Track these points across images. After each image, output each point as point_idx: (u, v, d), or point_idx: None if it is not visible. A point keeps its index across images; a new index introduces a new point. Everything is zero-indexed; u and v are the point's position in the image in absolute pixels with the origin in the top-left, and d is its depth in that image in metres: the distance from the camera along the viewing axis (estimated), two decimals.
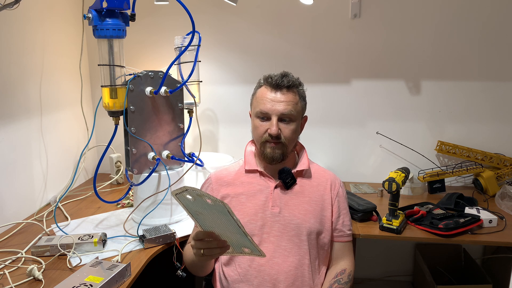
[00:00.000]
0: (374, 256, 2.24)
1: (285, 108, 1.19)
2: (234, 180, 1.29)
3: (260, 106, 1.21)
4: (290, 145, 1.23)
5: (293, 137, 1.23)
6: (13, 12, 1.49)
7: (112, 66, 1.40)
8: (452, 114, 2.04)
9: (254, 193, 1.26)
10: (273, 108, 1.19)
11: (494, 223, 1.57)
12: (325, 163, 2.15)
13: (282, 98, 1.20)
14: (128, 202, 1.80)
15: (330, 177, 1.32)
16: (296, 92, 1.24)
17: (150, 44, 2.12)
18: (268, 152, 1.22)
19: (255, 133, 1.25)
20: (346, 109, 2.09)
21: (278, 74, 1.23)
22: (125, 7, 1.34)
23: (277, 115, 1.19)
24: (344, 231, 1.29)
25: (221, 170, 1.35)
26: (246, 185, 1.27)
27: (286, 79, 1.21)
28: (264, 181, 1.28)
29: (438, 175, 1.94)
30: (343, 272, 1.23)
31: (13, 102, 1.59)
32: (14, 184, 1.59)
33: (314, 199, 1.26)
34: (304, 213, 1.23)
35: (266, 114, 1.21)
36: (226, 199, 1.26)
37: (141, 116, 1.50)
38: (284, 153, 1.22)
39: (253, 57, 2.09)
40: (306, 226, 1.22)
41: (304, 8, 2.00)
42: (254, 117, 1.25)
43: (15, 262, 1.30)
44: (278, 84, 1.20)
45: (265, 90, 1.22)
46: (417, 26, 1.96)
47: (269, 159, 1.23)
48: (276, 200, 1.24)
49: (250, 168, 1.29)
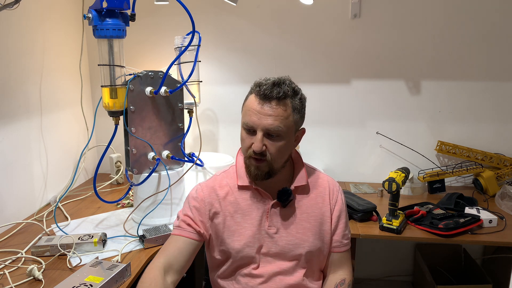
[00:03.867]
0: (374, 256, 2.24)
1: (272, 123, 1.04)
2: (227, 195, 1.16)
3: (246, 118, 1.08)
4: (277, 163, 1.09)
5: (281, 154, 1.09)
6: (13, 12, 1.49)
7: (112, 66, 1.40)
8: (452, 114, 2.04)
9: (249, 211, 1.15)
10: (258, 122, 1.05)
11: (494, 223, 1.57)
12: (325, 163, 2.15)
13: (270, 111, 1.04)
14: (128, 202, 1.80)
15: (328, 184, 1.22)
16: (289, 104, 1.07)
17: (150, 44, 2.12)
18: (252, 170, 1.10)
19: (241, 145, 1.13)
20: (346, 109, 2.09)
21: (270, 83, 1.06)
22: (125, 7, 1.34)
23: (262, 130, 1.05)
24: (342, 242, 1.20)
25: (213, 181, 1.20)
26: (240, 202, 1.15)
27: (276, 90, 1.04)
28: (260, 198, 1.16)
29: (438, 175, 1.94)
30: (342, 282, 1.18)
31: (13, 102, 1.59)
32: (14, 184, 1.59)
33: (313, 215, 1.17)
34: (302, 231, 1.15)
35: (251, 127, 1.07)
36: (219, 215, 1.15)
37: (141, 116, 1.50)
38: (270, 171, 1.09)
39: (253, 57, 2.09)
40: (304, 245, 1.14)
41: (304, 8, 2.00)
42: (241, 127, 1.12)
43: (15, 262, 1.30)
44: (267, 95, 1.04)
45: (253, 100, 1.07)
46: (417, 26, 1.97)
47: (253, 177, 1.11)
48: (273, 219, 1.15)
49: (243, 184, 1.16)
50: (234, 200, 1.16)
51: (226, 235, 1.14)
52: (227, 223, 1.15)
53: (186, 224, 1.14)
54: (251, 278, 1.14)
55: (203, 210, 1.15)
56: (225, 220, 1.15)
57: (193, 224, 1.13)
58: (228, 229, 1.14)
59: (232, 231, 1.14)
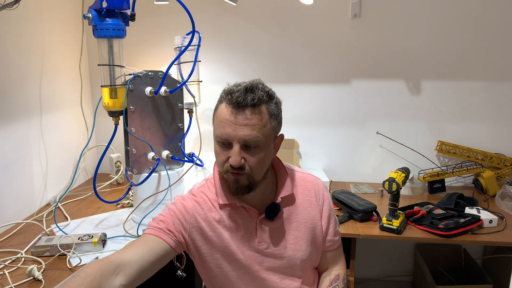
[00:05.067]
0: (374, 256, 2.24)
1: (249, 134, 0.95)
2: (212, 212, 1.07)
3: (219, 130, 0.97)
4: (257, 175, 1.01)
5: (261, 166, 1.00)
6: (13, 12, 1.49)
7: (112, 66, 1.40)
8: (452, 114, 2.04)
9: (236, 228, 1.07)
10: (234, 134, 0.95)
11: (494, 223, 1.57)
12: (325, 163, 2.15)
13: (246, 120, 0.95)
14: (128, 202, 1.80)
15: (313, 186, 1.15)
16: (265, 110, 0.97)
17: (150, 44, 2.12)
18: (231, 184, 1.00)
19: (216, 159, 1.03)
20: (346, 109, 2.09)
21: (242, 89, 0.96)
22: (125, 7, 1.34)
23: (239, 142, 0.96)
24: (334, 239, 1.17)
25: (195, 195, 1.10)
26: (225, 220, 1.07)
27: (250, 96, 0.95)
28: (246, 214, 1.08)
29: (438, 175, 1.94)
30: (337, 278, 1.16)
31: (13, 102, 1.59)
32: (14, 184, 1.59)
33: (303, 222, 1.12)
34: (294, 242, 1.10)
35: (226, 140, 0.97)
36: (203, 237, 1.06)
37: (141, 116, 1.50)
38: (250, 184, 1.00)
39: (253, 57, 2.09)
40: (298, 256, 1.10)
41: (304, 8, 2.00)
42: (214, 140, 1.01)
43: (15, 262, 1.30)
44: (240, 103, 0.94)
45: (225, 110, 0.97)
46: (417, 26, 1.96)
47: (233, 192, 1.02)
48: (262, 235, 1.08)
49: (225, 203, 1.06)
50: (219, 219, 1.07)
51: (213, 257, 1.07)
52: (214, 245, 1.07)
53: (164, 227, 1.02)
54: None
55: (185, 222, 1.05)
56: (211, 241, 1.06)
57: (174, 231, 1.03)
58: (215, 251, 1.07)
59: (221, 253, 1.07)
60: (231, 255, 1.07)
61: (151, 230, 1.02)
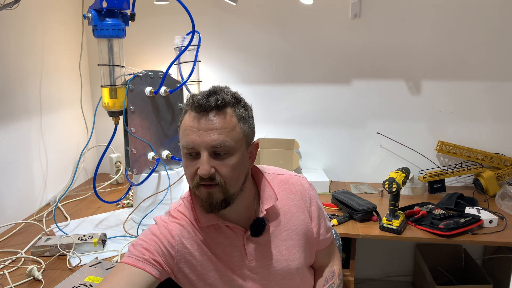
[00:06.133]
0: (374, 256, 2.24)
1: (216, 138, 0.85)
2: (197, 234, 0.97)
3: (184, 139, 0.88)
4: (232, 186, 0.90)
5: (234, 175, 0.89)
6: (13, 12, 1.49)
7: (112, 66, 1.40)
8: (452, 114, 2.04)
9: (223, 249, 0.98)
10: (200, 140, 0.86)
11: (494, 223, 1.57)
12: (325, 163, 2.15)
13: (211, 124, 0.86)
14: (128, 202, 1.80)
15: (298, 188, 1.08)
16: (232, 113, 0.89)
17: (150, 44, 2.12)
18: (204, 200, 0.90)
19: (185, 173, 0.93)
20: (346, 109, 2.09)
21: (205, 92, 0.89)
22: (125, 7, 1.34)
23: (206, 149, 0.86)
24: (326, 236, 1.12)
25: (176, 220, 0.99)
26: (210, 241, 0.98)
27: (213, 98, 0.86)
28: (231, 234, 0.99)
29: (439, 175, 1.93)
30: (332, 275, 1.14)
31: (13, 102, 1.59)
32: (14, 184, 1.59)
33: (294, 229, 1.05)
34: (287, 252, 1.03)
35: (192, 149, 0.87)
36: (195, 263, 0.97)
37: (141, 116, 1.50)
38: (226, 197, 0.89)
39: (253, 57, 2.09)
40: (293, 265, 1.03)
41: (304, 8, 2.00)
42: (182, 153, 0.93)
43: (15, 262, 1.30)
44: (203, 105, 0.86)
45: (190, 117, 0.88)
46: (417, 26, 1.96)
47: (207, 209, 0.90)
48: (252, 252, 1.00)
49: (206, 224, 0.96)
50: (205, 240, 0.98)
51: (205, 282, 0.98)
52: (205, 269, 0.98)
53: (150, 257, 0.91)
54: None
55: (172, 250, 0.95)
56: (201, 265, 0.98)
57: (159, 260, 0.92)
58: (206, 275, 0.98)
59: (212, 276, 0.98)
60: (224, 276, 0.99)
61: (134, 261, 0.90)
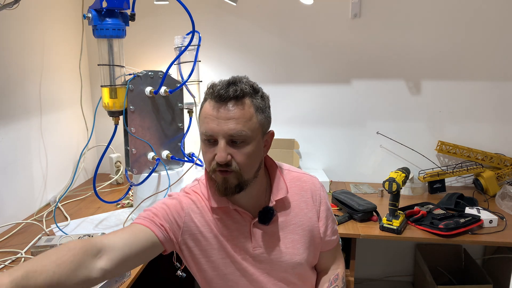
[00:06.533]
0: (374, 256, 2.24)
1: (234, 127, 0.91)
2: (206, 213, 1.03)
3: (203, 126, 0.95)
4: (247, 173, 0.96)
5: (249, 162, 0.95)
6: (13, 12, 1.49)
7: (112, 66, 1.40)
8: (452, 114, 2.03)
9: (230, 232, 1.03)
10: (218, 129, 0.91)
11: (494, 223, 1.57)
12: (325, 163, 2.15)
13: (229, 114, 0.91)
14: (128, 202, 1.80)
15: (309, 186, 1.11)
16: (250, 103, 0.94)
17: (150, 44, 2.12)
18: (219, 184, 0.96)
19: (203, 159, 0.99)
20: (346, 109, 2.09)
21: (224, 82, 0.95)
22: (125, 7, 1.34)
23: (224, 137, 0.92)
24: (332, 238, 1.14)
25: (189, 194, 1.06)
26: (219, 224, 1.03)
27: (232, 88, 0.92)
28: (239, 218, 1.04)
29: (439, 175, 1.93)
30: (336, 278, 1.15)
31: (13, 102, 1.59)
32: (14, 184, 1.59)
33: (300, 224, 1.08)
34: (292, 245, 1.06)
35: (211, 136, 0.93)
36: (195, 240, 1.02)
37: (141, 116, 1.50)
38: (240, 183, 0.95)
39: (253, 57, 2.09)
40: (295, 259, 1.06)
41: (304, 8, 2.00)
42: (200, 139, 0.99)
43: (15, 262, 1.30)
44: (222, 95, 0.92)
45: (209, 105, 0.94)
46: (417, 26, 1.96)
47: (222, 193, 0.96)
48: (258, 239, 1.04)
49: (217, 206, 1.02)
50: (214, 221, 1.03)
51: (208, 259, 1.03)
52: (209, 246, 1.02)
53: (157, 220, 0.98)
54: None
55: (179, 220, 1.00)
56: (205, 242, 1.02)
57: (166, 226, 0.98)
58: (210, 253, 1.02)
59: (215, 255, 1.03)
60: (227, 257, 1.03)
61: (141, 220, 0.97)
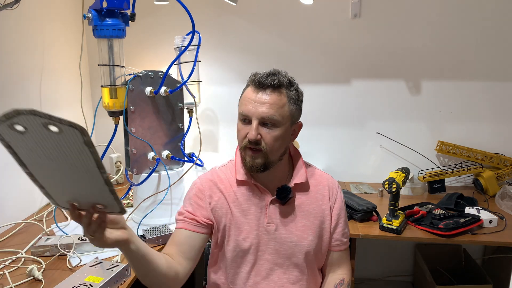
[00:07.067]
0: (374, 256, 2.24)
1: (267, 111, 1.04)
2: (227, 189, 1.15)
3: (242, 107, 1.09)
4: (273, 154, 1.08)
5: (276, 144, 1.07)
6: (13, 12, 1.49)
7: (112, 66, 1.40)
8: (452, 114, 2.04)
9: (248, 207, 1.14)
10: (254, 111, 1.05)
11: (494, 223, 1.57)
12: (325, 163, 2.15)
13: (265, 99, 1.05)
14: (128, 202, 1.80)
15: (327, 182, 1.20)
16: (285, 93, 1.07)
17: (150, 44, 2.12)
18: (247, 161, 1.09)
19: (237, 136, 1.13)
20: (346, 109, 2.09)
21: (265, 72, 1.08)
22: (125, 7, 1.34)
23: (257, 118, 1.05)
24: (341, 240, 1.19)
25: (211, 175, 1.19)
26: (239, 197, 1.14)
27: (271, 78, 1.06)
28: (259, 194, 1.15)
29: (438, 175, 1.94)
30: (342, 283, 1.17)
31: (13, 102, 1.59)
32: (14, 184, 1.59)
33: (313, 212, 1.16)
34: (302, 229, 1.14)
35: (246, 116, 1.07)
36: (218, 208, 1.14)
37: (141, 116, 1.50)
38: (266, 163, 1.07)
39: (253, 57, 2.09)
40: (303, 244, 1.13)
41: (304, 8, 2.00)
42: (238, 119, 1.12)
43: (15, 262, 1.30)
44: (261, 83, 1.06)
45: (249, 90, 1.09)
46: (417, 26, 1.96)
47: (248, 168, 1.10)
48: (272, 216, 1.13)
49: (241, 179, 1.14)
50: (233, 195, 1.15)
51: (224, 229, 1.14)
52: (226, 218, 1.14)
53: (189, 218, 1.13)
54: (248, 277, 1.13)
55: (203, 203, 1.14)
56: (223, 214, 1.14)
57: (196, 217, 1.12)
58: (227, 224, 1.13)
59: (231, 226, 1.13)
60: (240, 231, 1.12)
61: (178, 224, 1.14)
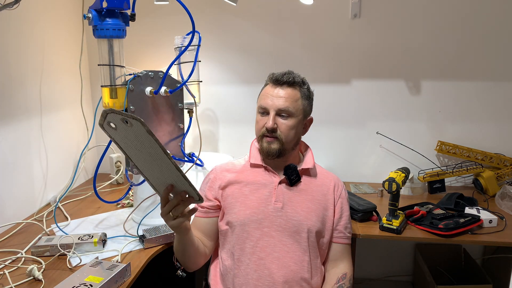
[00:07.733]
0: (374, 256, 2.24)
1: (283, 104, 1.23)
2: (239, 173, 1.32)
3: (261, 101, 1.27)
4: (287, 142, 1.25)
5: (290, 133, 1.24)
6: (13, 12, 1.49)
7: (112, 66, 1.40)
8: (452, 114, 2.04)
9: (258, 187, 1.28)
10: (271, 103, 1.23)
11: (494, 223, 1.57)
12: (326, 163, 2.15)
13: (282, 93, 1.24)
14: (128, 202, 1.80)
15: (333, 179, 1.35)
16: (298, 90, 1.26)
17: (150, 44, 2.12)
18: (264, 146, 1.25)
19: (255, 127, 1.30)
20: (346, 109, 2.09)
21: (281, 72, 1.28)
22: (125, 7, 1.34)
23: (274, 110, 1.23)
24: (344, 233, 1.30)
25: (227, 163, 1.39)
26: (250, 179, 1.30)
27: (286, 76, 1.25)
28: (269, 176, 1.30)
29: (438, 175, 1.94)
30: (344, 277, 1.24)
31: (13, 102, 1.59)
32: (14, 184, 1.59)
33: (317, 198, 1.28)
34: (306, 210, 1.25)
35: (265, 109, 1.25)
36: (229, 187, 1.30)
37: (141, 116, 1.49)
38: (281, 149, 1.24)
39: (253, 57, 2.09)
40: (307, 223, 1.23)
41: (304, 8, 2.00)
42: (256, 113, 1.30)
43: (15, 262, 1.30)
44: (278, 79, 1.25)
45: (268, 87, 1.28)
46: (417, 26, 1.96)
47: (265, 153, 1.26)
48: (280, 195, 1.26)
49: (254, 162, 1.32)
50: (245, 176, 1.31)
51: (232, 204, 1.27)
52: (235, 195, 1.28)
53: (200, 207, 1.31)
54: (253, 253, 1.21)
55: (214, 187, 1.32)
56: (234, 191, 1.29)
57: (209, 202, 1.31)
58: (235, 199, 1.27)
59: (239, 201, 1.26)
60: (246, 206, 1.25)
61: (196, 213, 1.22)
